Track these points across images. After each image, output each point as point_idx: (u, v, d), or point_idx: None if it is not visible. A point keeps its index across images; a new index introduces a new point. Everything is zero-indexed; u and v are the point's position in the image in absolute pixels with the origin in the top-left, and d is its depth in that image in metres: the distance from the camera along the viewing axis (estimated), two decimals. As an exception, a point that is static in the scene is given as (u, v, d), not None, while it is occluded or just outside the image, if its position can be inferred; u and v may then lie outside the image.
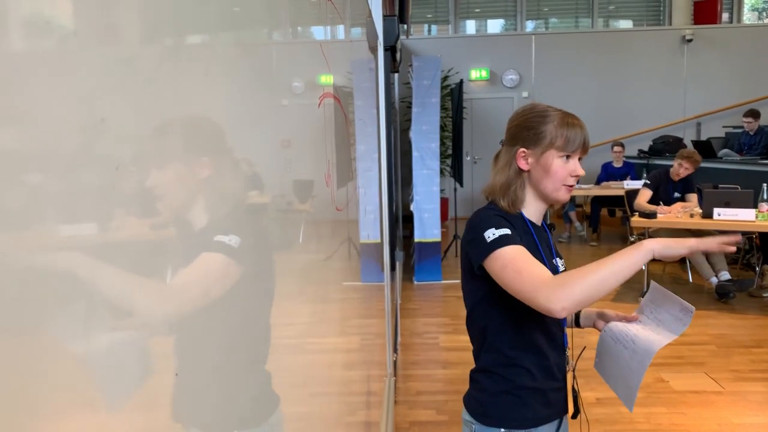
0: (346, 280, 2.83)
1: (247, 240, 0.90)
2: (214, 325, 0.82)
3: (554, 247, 1.69)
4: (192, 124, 0.79)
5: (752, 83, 10.41)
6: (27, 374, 0.44)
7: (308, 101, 1.54)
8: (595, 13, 11.65)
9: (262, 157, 1.14)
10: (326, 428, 1.84)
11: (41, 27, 0.45)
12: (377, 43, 3.25)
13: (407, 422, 3.56)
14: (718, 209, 5.38)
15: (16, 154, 0.42)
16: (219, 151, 0.86)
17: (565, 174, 1.54)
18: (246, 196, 1.01)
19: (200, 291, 0.78)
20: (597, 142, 10.45)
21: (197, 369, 0.77)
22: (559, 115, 1.57)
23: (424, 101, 6.95)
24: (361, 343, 3.10)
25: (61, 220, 0.49)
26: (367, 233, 5.08)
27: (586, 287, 1.27)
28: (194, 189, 0.85)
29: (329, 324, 2.06)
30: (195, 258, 0.80)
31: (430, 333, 5.13)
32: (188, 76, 0.76)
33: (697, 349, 4.58)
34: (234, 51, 0.95)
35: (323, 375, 1.90)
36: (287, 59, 1.33)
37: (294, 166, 1.41)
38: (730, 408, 3.65)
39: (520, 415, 1.59)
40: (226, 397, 0.90)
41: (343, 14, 2.19)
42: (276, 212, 1.26)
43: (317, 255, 1.86)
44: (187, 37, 0.78)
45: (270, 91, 1.17)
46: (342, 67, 2.17)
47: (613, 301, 5.84)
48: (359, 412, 2.78)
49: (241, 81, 0.98)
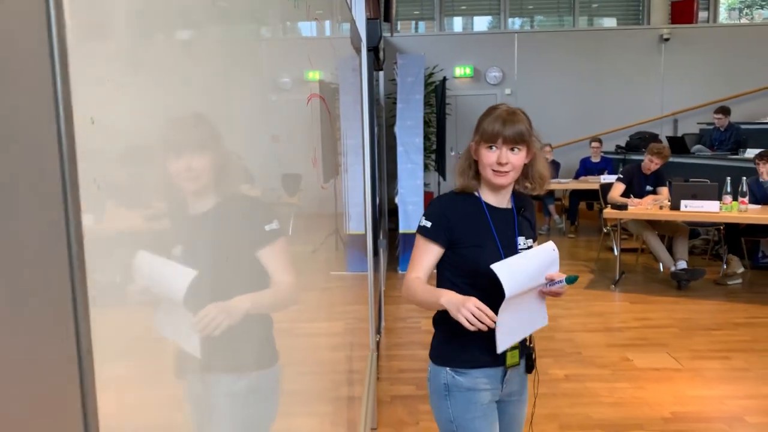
0: (333, 269, 3.00)
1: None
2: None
3: (521, 227, 1.93)
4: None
5: (727, 81, 10.76)
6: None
7: (296, 97, 1.58)
8: (576, 11, 11.96)
9: (252, 152, 1.16)
10: (314, 402, 2.01)
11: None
12: (361, 44, 3.51)
13: (389, 396, 3.84)
14: (685, 201, 5.70)
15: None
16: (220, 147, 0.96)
17: (491, 161, 1.81)
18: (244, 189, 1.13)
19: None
20: (576, 138, 10.78)
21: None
22: (493, 112, 1.84)
23: (409, 98, 7.22)
24: (345, 327, 3.33)
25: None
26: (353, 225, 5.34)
27: (409, 297, 1.85)
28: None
29: (317, 310, 2.19)
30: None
31: (413, 318, 5.42)
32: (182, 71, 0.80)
33: (661, 332, 4.89)
34: (219, 46, 0.96)
35: (311, 356, 2.03)
36: (275, 56, 1.34)
37: (282, 160, 1.44)
38: (686, 383, 3.96)
39: (461, 358, 1.90)
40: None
41: (330, 12, 2.34)
42: (268, 205, 1.34)
43: (305, 246, 1.95)
44: (177, 32, 0.80)
45: (259, 86, 1.18)
46: (328, 64, 2.30)
47: (585, 288, 6.16)
48: (344, 388, 3.02)
49: (230, 77, 0.99)
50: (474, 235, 1.85)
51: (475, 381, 1.89)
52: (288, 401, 1.54)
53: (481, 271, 1.78)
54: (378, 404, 3.70)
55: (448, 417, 1.91)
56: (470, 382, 1.89)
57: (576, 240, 8.64)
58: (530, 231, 1.97)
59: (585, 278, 6.58)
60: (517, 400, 2.04)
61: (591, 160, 9.02)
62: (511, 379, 1.97)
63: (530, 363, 2.03)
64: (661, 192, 6.33)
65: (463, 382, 1.89)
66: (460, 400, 1.89)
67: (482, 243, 1.84)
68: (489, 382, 1.91)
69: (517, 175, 1.86)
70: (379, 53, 4.45)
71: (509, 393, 2.00)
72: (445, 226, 1.85)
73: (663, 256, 6.15)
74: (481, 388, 1.90)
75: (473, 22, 12.46)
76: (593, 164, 8.96)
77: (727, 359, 4.33)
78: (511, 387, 1.99)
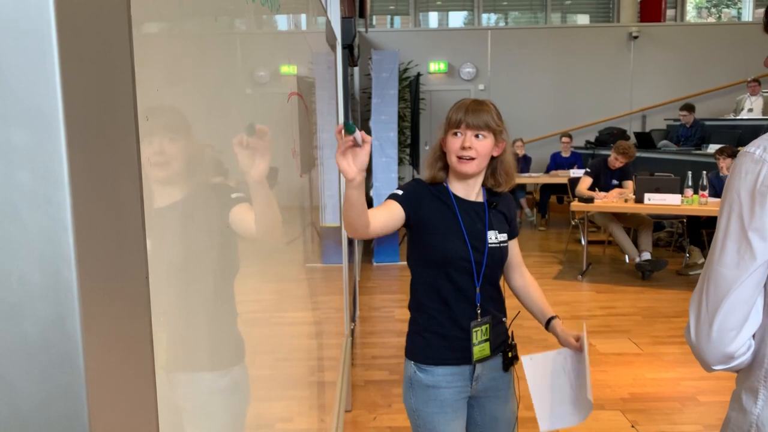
0: (309, 261, 3.10)
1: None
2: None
3: (492, 221, 1.91)
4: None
5: (694, 78, 11.08)
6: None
7: (273, 91, 1.56)
8: (548, 8, 12.19)
9: (228, 144, 1.16)
10: (291, 387, 2.05)
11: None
12: (336, 42, 3.64)
13: (363, 381, 3.99)
14: (649, 194, 5.93)
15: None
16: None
17: (455, 147, 1.82)
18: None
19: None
20: (547, 133, 11.02)
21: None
22: (459, 102, 1.87)
23: (383, 93, 7.36)
24: (321, 316, 3.46)
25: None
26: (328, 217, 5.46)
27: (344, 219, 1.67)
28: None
29: (294, 300, 2.22)
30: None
31: (387, 307, 5.58)
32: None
33: (624, 319, 5.12)
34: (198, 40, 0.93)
35: (287, 343, 2.05)
36: (252, 49, 1.32)
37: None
38: (646, 366, 4.17)
39: (425, 353, 1.90)
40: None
41: (306, 9, 2.42)
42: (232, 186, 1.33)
43: (282, 239, 1.95)
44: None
45: (235, 79, 1.17)
46: (304, 60, 2.33)
47: (554, 279, 6.37)
48: (319, 373, 3.15)
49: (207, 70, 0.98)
50: (440, 223, 1.85)
51: (436, 379, 1.90)
52: (267, 386, 1.58)
53: (446, 260, 1.83)
54: (353, 388, 3.85)
55: (411, 407, 1.96)
56: (430, 379, 1.90)
57: (546, 233, 8.87)
58: (504, 225, 1.95)
59: (554, 269, 6.79)
60: (495, 396, 1.99)
61: (561, 155, 9.25)
62: (483, 376, 1.94)
63: (507, 360, 1.98)
64: (626, 186, 6.55)
65: (423, 379, 1.90)
66: (421, 395, 1.91)
67: (447, 232, 1.85)
68: (454, 380, 1.90)
69: (483, 164, 1.85)
70: (353, 50, 4.58)
71: (484, 390, 1.96)
72: (415, 201, 1.84)
73: (628, 247, 6.39)
74: (442, 386, 1.90)
75: (448, 17, 12.62)
76: (563, 159, 9.19)
77: (685, 344, 4.53)
78: (484, 384, 1.95)
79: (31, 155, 0.35)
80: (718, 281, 1.11)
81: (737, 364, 1.16)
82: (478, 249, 1.85)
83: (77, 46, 0.36)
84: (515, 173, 1.97)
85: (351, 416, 3.56)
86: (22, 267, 0.36)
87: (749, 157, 1.09)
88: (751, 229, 1.06)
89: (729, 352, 1.12)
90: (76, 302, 0.36)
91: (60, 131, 0.35)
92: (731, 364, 1.15)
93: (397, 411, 3.56)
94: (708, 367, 1.18)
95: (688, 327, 1.18)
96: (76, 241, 0.36)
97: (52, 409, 0.36)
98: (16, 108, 0.35)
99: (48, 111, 0.35)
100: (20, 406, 0.36)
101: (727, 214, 1.11)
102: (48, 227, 0.36)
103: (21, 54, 0.34)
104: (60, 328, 0.36)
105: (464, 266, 1.85)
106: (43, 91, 0.35)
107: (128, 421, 0.43)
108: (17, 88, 0.34)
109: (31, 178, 0.35)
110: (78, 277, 0.36)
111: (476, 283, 1.87)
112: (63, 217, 0.36)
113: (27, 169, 0.35)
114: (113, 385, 0.40)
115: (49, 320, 0.36)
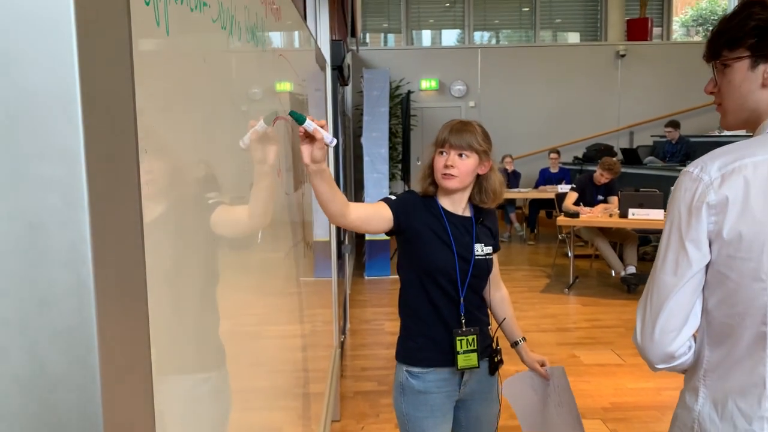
0: (302, 275, 3.18)
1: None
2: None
3: (479, 235, 2.03)
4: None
5: (680, 95, 11.29)
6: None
7: (259, 107, 1.59)
8: (537, 27, 12.42)
9: (221, 160, 1.17)
10: (282, 398, 2.13)
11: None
12: (325, 63, 3.78)
13: (352, 392, 4.09)
14: (633, 209, 6.07)
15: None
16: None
17: (440, 165, 1.96)
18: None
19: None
20: (536, 149, 11.20)
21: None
22: (448, 123, 2.01)
23: (374, 110, 7.51)
24: (312, 329, 3.56)
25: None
26: (320, 232, 5.58)
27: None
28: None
29: (287, 314, 2.29)
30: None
31: (378, 320, 5.68)
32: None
33: (608, 331, 5.24)
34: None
35: (279, 355, 2.13)
36: (245, 67, 1.36)
37: (243, 173, 1.44)
38: (627, 376, 4.29)
39: (416, 357, 2.01)
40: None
41: (292, 39, 2.54)
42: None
43: (276, 253, 1.99)
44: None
45: (230, 97, 1.20)
46: (295, 75, 2.43)
47: (542, 292, 6.49)
48: (309, 385, 3.25)
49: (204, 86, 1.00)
50: (429, 233, 1.96)
51: (427, 385, 1.99)
52: (257, 397, 1.63)
53: (435, 268, 1.94)
54: (342, 399, 3.95)
55: (401, 411, 2.05)
56: (422, 385, 1.99)
57: (536, 247, 9.00)
58: (490, 239, 2.06)
59: (542, 282, 6.91)
60: (481, 399, 2.10)
61: (550, 171, 9.41)
62: (470, 381, 2.05)
63: (493, 365, 2.09)
64: (611, 201, 6.70)
65: (414, 385, 2.00)
66: (413, 400, 2.01)
67: (437, 242, 1.95)
68: (444, 385, 2.01)
69: (466, 181, 1.96)
70: (343, 71, 4.72)
71: (471, 392, 2.07)
72: (406, 209, 1.95)
73: (613, 261, 6.52)
74: (433, 391, 2.00)
75: (441, 35, 12.84)
76: (552, 174, 9.35)
77: (666, 356, 4.66)
78: (472, 387, 2.05)
79: (59, 184, 0.47)
80: (660, 287, 1.23)
81: (679, 364, 1.27)
82: (465, 260, 1.96)
83: (95, 104, 0.49)
84: (503, 190, 2.08)
85: (339, 426, 3.65)
86: (51, 269, 0.47)
87: (689, 176, 1.22)
88: (688, 240, 1.19)
89: (670, 351, 1.24)
90: (92, 297, 0.48)
91: (81, 166, 0.47)
92: (673, 363, 1.27)
93: (384, 420, 3.66)
94: (652, 366, 1.30)
95: (635, 329, 1.30)
96: (93, 250, 0.48)
97: (73, 377, 0.47)
98: (49, 149, 0.47)
99: (73, 151, 0.47)
100: (49, 375, 0.47)
101: (669, 227, 1.23)
102: (71, 239, 0.47)
103: (55, 111, 0.46)
104: (79, 316, 0.48)
105: (450, 275, 1.95)
106: (70, 135, 0.47)
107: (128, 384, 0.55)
108: (51, 134, 0.46)
109: (59, 202, 0.47)
110: (94, 277, 0.48)
111: (461, 292, 1.97)
112: (83, 232, 0.47)
113: (56, 195, 0.47)
114: (120, 359, 0.52)
115: (71, 310, 0.48)
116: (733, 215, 1.14)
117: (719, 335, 1.22)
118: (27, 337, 0.47)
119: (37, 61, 0.45)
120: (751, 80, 1.22)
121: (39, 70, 0.46)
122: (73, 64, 0.46)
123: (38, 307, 0.47)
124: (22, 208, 0.46)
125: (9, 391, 0.47)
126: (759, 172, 1.13)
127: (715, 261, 1.18)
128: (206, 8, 0.93)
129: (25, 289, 0.47)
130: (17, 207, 0.46)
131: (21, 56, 0.45)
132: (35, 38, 0.45)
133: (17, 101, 0.45)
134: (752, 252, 1.13)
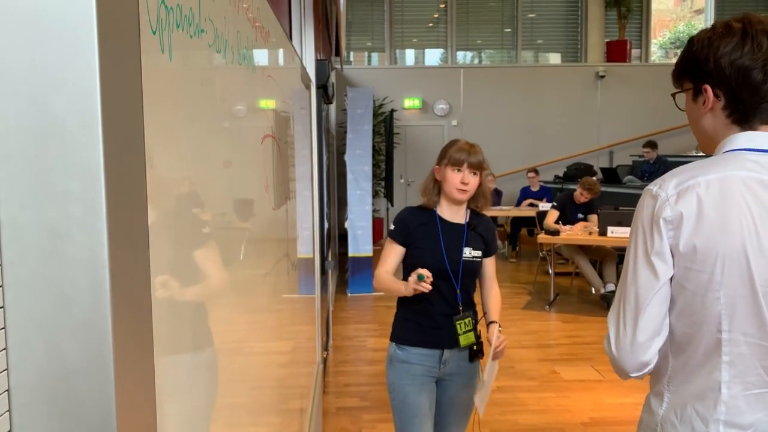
0: (285, 292, 3.21)
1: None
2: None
3: (469, 240, 2.38)
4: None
5: (658, 116, 11.51)
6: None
7: (247, 134, 1.64)
8: (518, 47, 12.64)
9: (205, 177, 1.17)
10: (263, 415, 2.14)
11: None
12: (310, 82, 3.86)
13: (335, 408, 4.12)
14: (612, 227, 6.19)
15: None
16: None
17: (456, 181, 2.32)
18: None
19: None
20: (518, 167, 11.34)
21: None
22: (457, 143, 2.37)
23: (358, 128, 7.60)
24: (294, 345, 3.59)
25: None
26: (303, 249, 5.62)
27: (378, 287, 2.41)
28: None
29: (270, 330, 2.33)
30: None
31: (360, 337, 5.72)
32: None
33: (588, 348, 5.32)
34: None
35: (260, 372, 2.14)
36: (230, 84, 1.38)
37: (235, 185, 1.48)
38: (607, 392, 4.36)
39: (405, 336, 2.40)
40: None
41: (277, 58, 2.61)
42: (218, 229, 1.35)
43: (258, 270, 2.01)
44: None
45: (214, 113, 1.22)
46: (281, 94, 2.51)
47: (523, 309, 6.57)
48: (291, 401, 3.27)
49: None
50: (424, 239, 2.36)
51: (410, 356, 2.37)
52: (239, 413, 1.66)
53: (427, 267, 2.23)
54: (324, 415, 3.98)
55: (390, 381, 2.42)
56: (406, 356, 2.37)
57: (517, 264, 9.11)
58: (480, 244, 2.41)
59: (523, 300, 7.00)
60: (456, 382, 2.41)
61: (531, 189, 9.54)
62: (449, 361, 2.37)
63: (473, 353, 2.40)
64: (591, 219, 6.82)
65: (400, 355, 2.38)
66: (398, 369, 2.38)
67: (429, 247, 2.34)
68: (425, 359, 2.36)
69: (473, 193, 2.37)
70: (328, 90, 4.81)
71: (449, 374, 2.39)
72: (404, 230, 2.39)
73: (593, 278, 6.63)
74: (414, 362, 2.36)
75: (425, 54, 13.01)
76: (533, 193, 9.49)
77: (644, 371, 4.75)
78: (450, 368, 2.38)
79: (81, 196, 0.53)
80: (632, 300, 1.30)
81: (648, 371, 1.34)
82: (455, 261, 2.33)
83: (112, 126, 0.55)
84: (489, 196, 2.49)
85: (322, 440, 3.68)
86: (73, 270, 0.53)
87: (649, 193, 1.30)
88: (653, 253, 1.26)
89: (645, 360, 1.31)
90: (107, 295, 0.54)
91: (101, 182, 0.53)
92: (645, 371, 1.34)
93: (366, 435, 3.69)
94: (626, 376, 1.36)
95: (608, 340, 1.36)
96: (109, 254, 0.54)
97: (89, 366, 0.53)
98: (73, 165, 0.53)
99: (93, 167, 0.53)
100: (67, 363, 0.53)
101: (634, 242, 1.31)
102: (91, 244, 0.54)
103: (78, 134, 0.52)
104: (96, 311, 0.54)
105: (442, 274, 2.30)
106: (92, 155, 0.53)
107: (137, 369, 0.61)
108: (75, 153, 0.53)
109: (80, 212, 0.53)
110: (110, 277, 0.54)
111: (456, 286, 2.37)
112: (101, 237, 0.54)
113: (78, 206, 0.53)
114: (129, 347, 0.58)
115: (89, 306, 0.54)
116: (688, 229, 1.22)
117: (680, 343, 1.29)
118: (49, 331, 0.53)
119: (64, 90, 0.52)
120: (695, 109, 1.33)
121: (66, 97, 0.52)
122: (95, 92, 0.52)
123: (59, 304, 0.53)
124: (48, 217, 0.53)
125: (33, 379, 0.53)
126: (711, 190, 1.22)
127: (675, 273, 1.25)
128: (203, 34, 1.00)
129: (49, 288, 0.53)
130: (44, 216, 0.53)
131: (50, 86, 0.52)
132: (64, 69, 0.52)
133: (46, 126, 0.52)
134: (706, 264, 1.20)
